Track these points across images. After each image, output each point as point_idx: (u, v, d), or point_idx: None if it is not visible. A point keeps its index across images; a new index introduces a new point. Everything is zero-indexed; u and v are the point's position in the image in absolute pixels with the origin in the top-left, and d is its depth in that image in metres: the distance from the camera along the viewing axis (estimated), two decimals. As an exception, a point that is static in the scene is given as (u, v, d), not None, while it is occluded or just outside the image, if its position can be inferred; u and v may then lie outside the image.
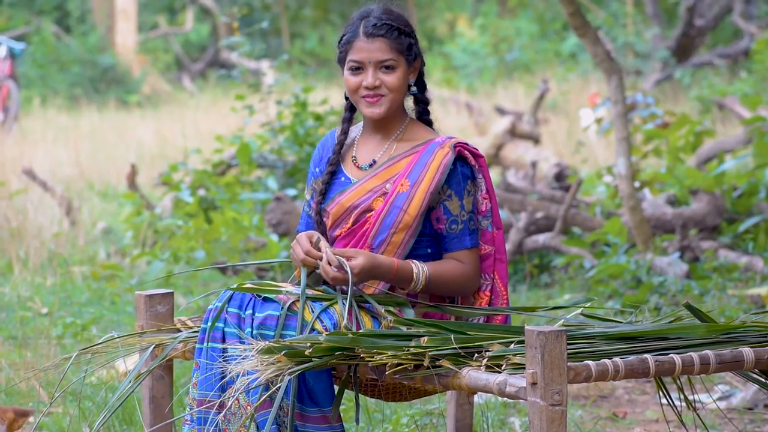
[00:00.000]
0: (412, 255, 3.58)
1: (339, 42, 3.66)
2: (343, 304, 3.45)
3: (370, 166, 3.64)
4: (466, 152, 3.58)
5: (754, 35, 17.75)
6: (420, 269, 3.53)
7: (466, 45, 23.39)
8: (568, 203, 7.97)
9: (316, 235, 3.54)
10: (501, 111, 13.89)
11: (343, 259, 3.46)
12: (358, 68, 3.60)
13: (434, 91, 18.18)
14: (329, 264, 3.46)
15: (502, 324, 3.59)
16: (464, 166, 3.59)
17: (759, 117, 8.66)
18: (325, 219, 3.66)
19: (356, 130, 3.75)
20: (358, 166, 3.66)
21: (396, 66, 3.59)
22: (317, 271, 3.50)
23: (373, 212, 3.55)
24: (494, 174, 12.07)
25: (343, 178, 3.67)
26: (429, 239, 3.59)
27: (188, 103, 19.98)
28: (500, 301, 3.64)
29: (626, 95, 7.83)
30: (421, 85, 3.71)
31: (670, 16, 21.36)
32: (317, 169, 3.75)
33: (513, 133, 11.73)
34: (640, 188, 8.76)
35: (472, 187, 3.59)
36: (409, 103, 3.73)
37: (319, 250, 3.49)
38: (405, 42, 3.59)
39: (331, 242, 3.65)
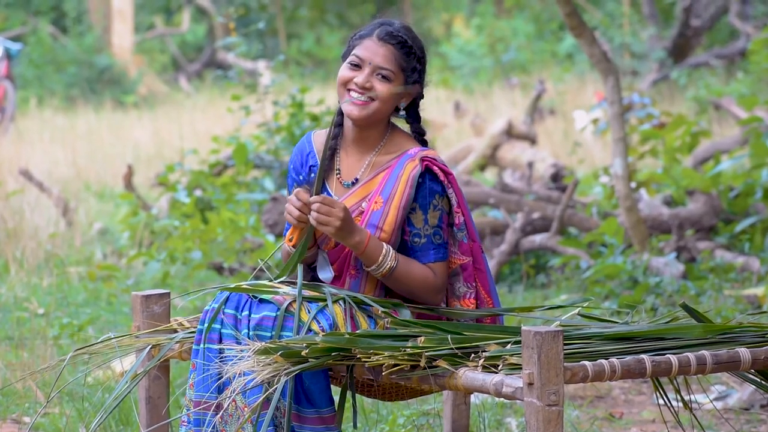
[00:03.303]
0: None
1: (351, 36, 3.64)
2: (337, 304, 3.46)
3: (353, 183, 3.63)
4: (435, 168, 3.57)
5: (750, 35, 17.77)
6: (389, 254, 3.53)
7: (463, 45, 23.40)
8: (564, 204, 7.97)
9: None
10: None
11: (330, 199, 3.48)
12: (357, 65, 3.59)
13: (431, 91, 18.20)
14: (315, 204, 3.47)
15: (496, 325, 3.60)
16: (433, 180, 3.57)
17: (755, 117, 8.66)
18: None
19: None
20: (341, 182, 3.65)
21: (392, 78, 3.56)
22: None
23: None
24: (491, 174, 12.08)
25: (325, 193, 3.66)
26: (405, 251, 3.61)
27: (185, 104, 19.97)
28: (485, 307, 3.65)
29: (623, 96, 7.84)
30: (414, 115, 3.68)
31: (667, 16, 21.38)
32: (300, 177, 3.73)
33: (509, 133, 11.74)
34: (636, 189, 8.76)
35: (439, 201, 3.58)
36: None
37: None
38: (411, 62, 3.58)
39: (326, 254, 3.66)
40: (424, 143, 3.69)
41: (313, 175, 3.70)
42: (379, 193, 3.57)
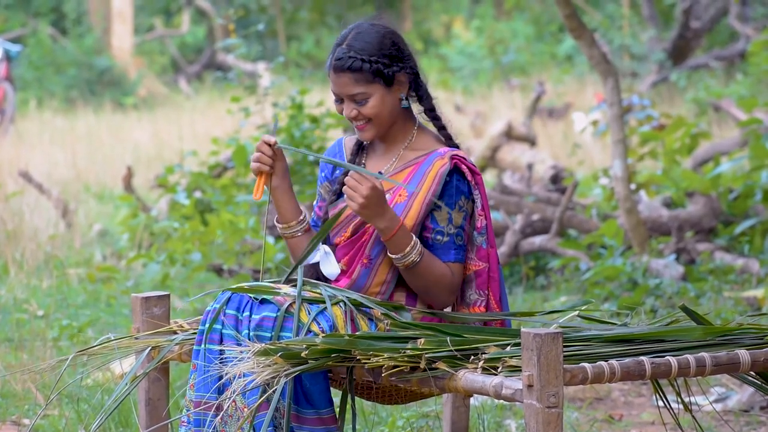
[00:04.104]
0: None
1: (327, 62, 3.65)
2: (337, 306, 3.46)
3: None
4: (464, 167, 3.57)
5: (750, 37, 17.76)
6: (416, 247, 3.51)
7: (462, 47, 23.40)
8: (564, 205, 7.97)
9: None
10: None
11: (364, 175, 3.46)
12: (338, 98, 3.60)
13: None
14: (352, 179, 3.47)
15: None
16: (461, 180, 3.57)
17: (755, 119, 8.66)
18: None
19: None
20: None
21: (368, 96, 3.54)
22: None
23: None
24: (491, 176, 12.08)
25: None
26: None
27: (184, 106, 19.97)
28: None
29: (622, 97, 7.84)
30: (420, 92, 3.66)
31: (666, 18, 21.38)
32: (323, 174, 3.76)
33: (509, 135, 11.73)
34: (636, 190, 8.76)
35: (464, 203, 3.57)
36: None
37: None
38: (373, 69, 3.52)
39: (333, 249, 3.65)
40: (452, 145, 3.67)
41: (338, 171, 3.71)
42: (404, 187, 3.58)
